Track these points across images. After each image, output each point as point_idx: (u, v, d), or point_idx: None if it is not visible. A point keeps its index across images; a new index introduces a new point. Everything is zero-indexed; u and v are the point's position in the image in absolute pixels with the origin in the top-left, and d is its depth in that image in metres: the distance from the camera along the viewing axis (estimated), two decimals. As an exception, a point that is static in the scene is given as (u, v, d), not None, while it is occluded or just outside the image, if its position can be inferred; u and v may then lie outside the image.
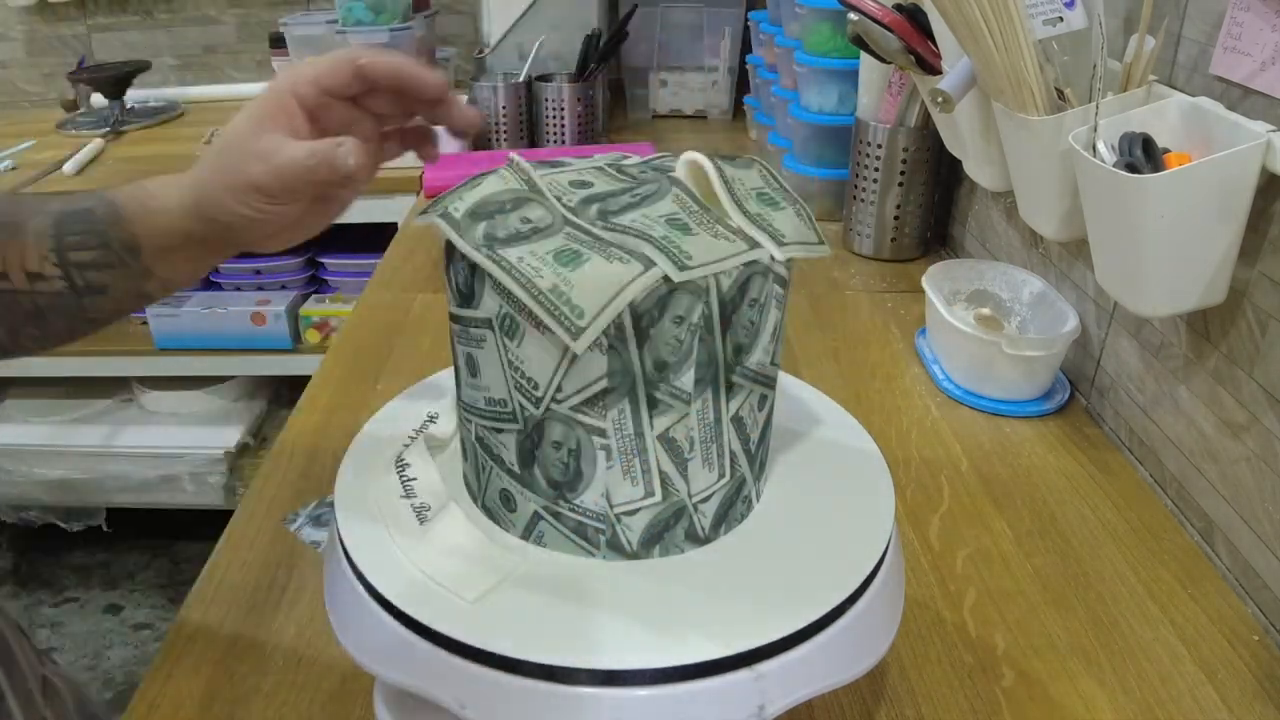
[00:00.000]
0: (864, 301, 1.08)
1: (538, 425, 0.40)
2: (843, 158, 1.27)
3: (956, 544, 0.69)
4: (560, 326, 0.36)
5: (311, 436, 0.82)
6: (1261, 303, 0.62)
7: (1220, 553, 0.68)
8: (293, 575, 0.66)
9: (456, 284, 0.41)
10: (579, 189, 0.42)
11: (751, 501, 0.46)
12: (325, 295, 1.85)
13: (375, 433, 0.51)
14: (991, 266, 0.96)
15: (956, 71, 0.81)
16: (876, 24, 0.93)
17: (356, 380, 0.91)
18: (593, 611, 0.39)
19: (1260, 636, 0.61)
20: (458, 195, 0.41)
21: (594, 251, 0.37)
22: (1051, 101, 0.72)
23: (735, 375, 0.41)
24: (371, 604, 0.40)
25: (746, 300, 0.40)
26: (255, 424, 1.88)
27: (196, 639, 0.60)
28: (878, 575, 0.42)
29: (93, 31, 2.06)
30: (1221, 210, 0.59)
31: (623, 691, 0.36)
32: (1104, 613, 0.63)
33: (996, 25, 0.70)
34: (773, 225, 0.41)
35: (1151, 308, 0.65)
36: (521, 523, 0.43)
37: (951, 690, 0.57)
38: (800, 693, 0.38)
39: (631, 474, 0.40)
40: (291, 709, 0.55)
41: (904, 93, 1.10)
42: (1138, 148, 0.62)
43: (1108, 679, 0.58)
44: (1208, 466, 0.69)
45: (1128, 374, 0.79)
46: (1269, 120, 0.59)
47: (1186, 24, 0.68)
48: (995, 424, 0.84)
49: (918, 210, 1.16)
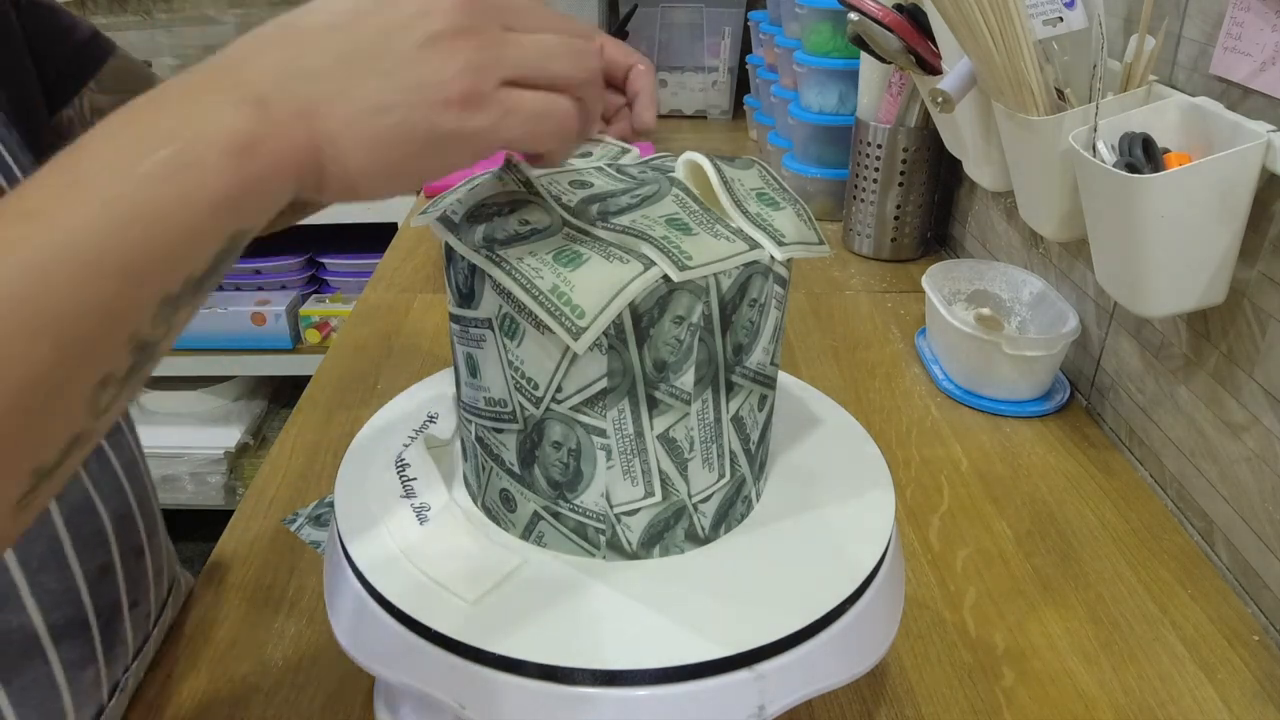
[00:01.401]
0: (864, 301, 1.08)
1: (538, 425, 0.40)
2: (842, 158, 1.27)
3: (956, 544, 0.69)
4: (560, 327, 0.36)
5: (311, 436, 0.82)
6: (1261, 303, 0.62)
7: (1220, 553, 0.68)
8: (293, 575, 0.66)
9: (456, 284, 0.41)
10: (579, 189, 0.42)
11: (751, 501, 0.46)
12: (325, 295, 1.85)
13: (375, 433, 0.51)
14: (991, 266, 0.96)
15: (956, 71, 0.81)
16: (876, 24, 0.93)
17: (356, 380, 0.91)
18: (593, 611, 0.39)
19: (1260, 636, 0.61)
20: (456, 197, 0.41)
21: (594, 252, 0.37)
22: (1051, 101, 0.72)
23: (735, 375, 0.41)
24: (371, 604, 0.40)
25: (746, 300, 0.40)
26: (255, 424, 1.89)
27: (197, 639, 0.60)
28: (878, 575, 0.42)
29: (93, 31, 2.06)
30: (1221, 210, 0.59)
31: (623, 691, 0.36)
32: (1104, 613, 0.63)
33: (996, 25, 0.70)
34: (773, 225, 0.41)
35: (1151, 308, 0.65)
36: (521, 523, 0.43)
37: (951, 690, 0.57)
38: (800, 693, 0.38)
39: (631, 474, 0.40)
40: (291, 709, 0.55)
41: (904, 93, 1.10)
42: (1138, 148, 0.62)
43: (1108, 679, 0.58)
44: (1208, 466, 0.69)
45: (1128, 374, 0.79)
46: (1269, 120, 0.59)
47: (1186, 24, 0.68)
48: (995, 424, 0.84)
49: (917, 210, 1.16)
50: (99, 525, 0.49)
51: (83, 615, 0.48)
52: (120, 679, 0.53)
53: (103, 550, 0.50)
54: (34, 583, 0.45)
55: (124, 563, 0.52)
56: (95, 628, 0.49)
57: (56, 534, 0.46)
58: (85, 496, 0.49)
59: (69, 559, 0.47)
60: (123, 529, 0.51)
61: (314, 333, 1.77)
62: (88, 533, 0.48)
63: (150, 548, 0.55)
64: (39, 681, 0.46)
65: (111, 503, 0.51)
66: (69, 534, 0.47)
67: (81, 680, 0.49)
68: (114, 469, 0.52)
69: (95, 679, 0.50)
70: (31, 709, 0.46)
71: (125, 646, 0.53)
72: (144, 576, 0.54)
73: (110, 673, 0.51)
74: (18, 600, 0.44)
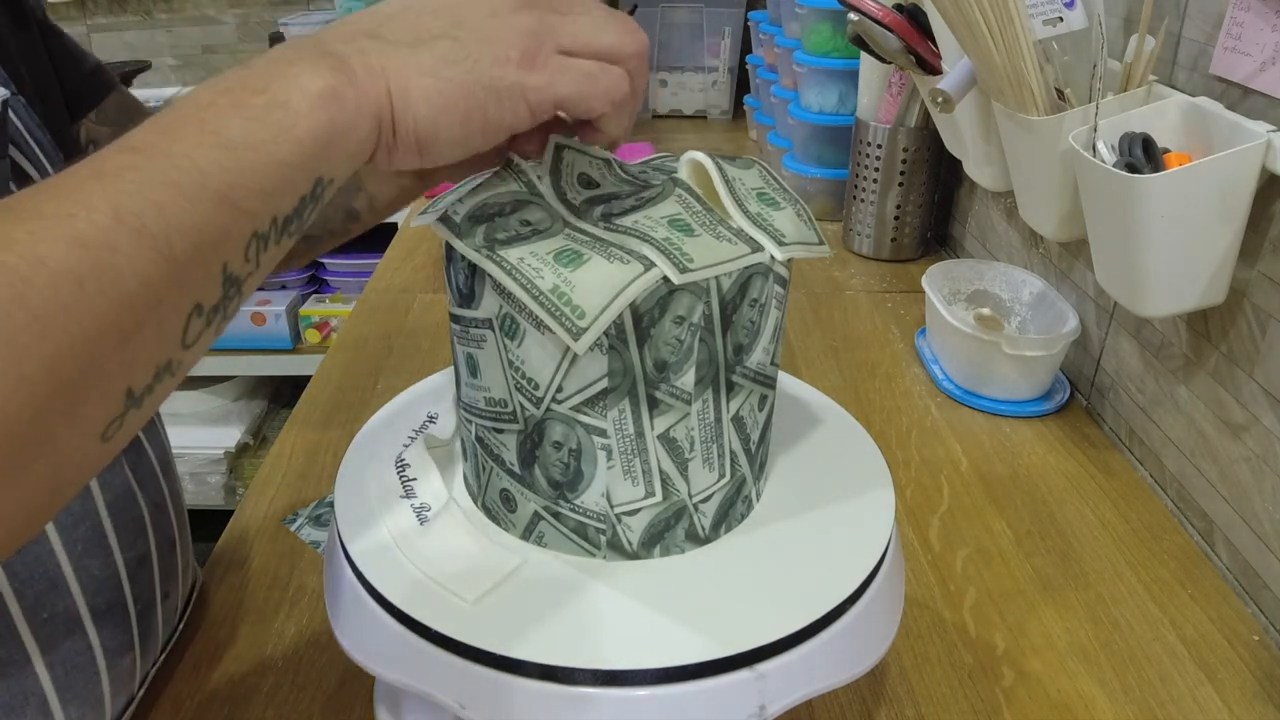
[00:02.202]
0: (864, 301, 1.08)
1: (538, 425, 0.40)
2: (843, 158, 1.27)
3: (956, 544, 0.69)
4: (561, 327, 0.36)
5: (311, 436, 0.82)
6: (1261, 303, 0.62)
7: (1220, 553, 0.68)
8: (293, 575, 0.66)
9: (457, 284, 0.41)
10: (586, 188, 0.42)
11: (751, 501, 0.46)
12: (325, 295, 1.85)
13: (375, 433, 0.51)
14: (991, 266, 0.96)
15: (956, 71, 0.81)
16: (876, 24, 0.93)
17: (356, 380, 0.91)
18: (593, 611, 0.39)
19: (1260, 636, 0.61)
20: (457, 197, 0.41)
21: (595, 252, 0.37)
22: (1051, 101, 0.72)
23: (735, 375, 0.41)
24: (371, 604, 0.40)
25: (747, 300, 0.40)
26: (255, 424, 1.89)
27: (197, 639, 0.60)
28: (878, 575, 0.42)
29: (92, 31, 2.07)
30: (1221, 210, 0.59)
31: (623, 691, 0.36)
32: (1104, 613, 0.63)
33: (996, 25, 0.70)
34: (773, 225, 0.41)
35: (1151, 308, 0.65)
36: (522, 523, 0.43)
37: (951, 690, 0.57)
38: (800, 693, 0.38)
39: (632, 474, 0.40)
40: (291, 709, 0.55)
41: (904, 93, 1.10)
42: (1138, 148, 0.62)
43: (1108, 679, 0.58)
44: (1208, 466, 0.69)
45: (1128, 374, 0.79)
46: (1269, 120, 0.59)
47: (1186, 24, 0.68)
48: (995, 424, 0.84)
49: (917, 210, 1.16)
50: (138, 514, 0.51)
51: (122, 601, 0.50)
52: (149, 671, 0.55)
53: (141, 539, 0.51)
54: (79, 566, 0.46)
55: (159, 554, 0.53)
56: (133, 615, 0.51)
57: (100, 520, 0.48)
58: (126, 485, 0.50)
59: (111, 546, 0.49)
60: (159, 520, 0.53)
61: (314, 333, 1.77)
62: (128, 520, 0.50)
63: (181, 541, 0.57)
64: (81, 667, 0.47)
65: (149, 493, 0.52)
66: (111, 521, 0.49)
67: (120, 667, 0.50)
68: (150, 460, 0.54)
69: (131, 668, 0.51)
70: (74, 695, 0.47)
71: (156, 638, 0.54)
72: (175, 570, 0.56)
73: (143, 663, 0.53)
74: (64, 585, 0.46)
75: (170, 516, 0.55)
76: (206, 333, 0.30)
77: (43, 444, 0.26)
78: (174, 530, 0.56)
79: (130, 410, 0.28)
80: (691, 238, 0.39)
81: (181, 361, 0.30)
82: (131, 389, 0.28)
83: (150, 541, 0.52)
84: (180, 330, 0.29)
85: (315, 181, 0.32)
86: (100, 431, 0.28)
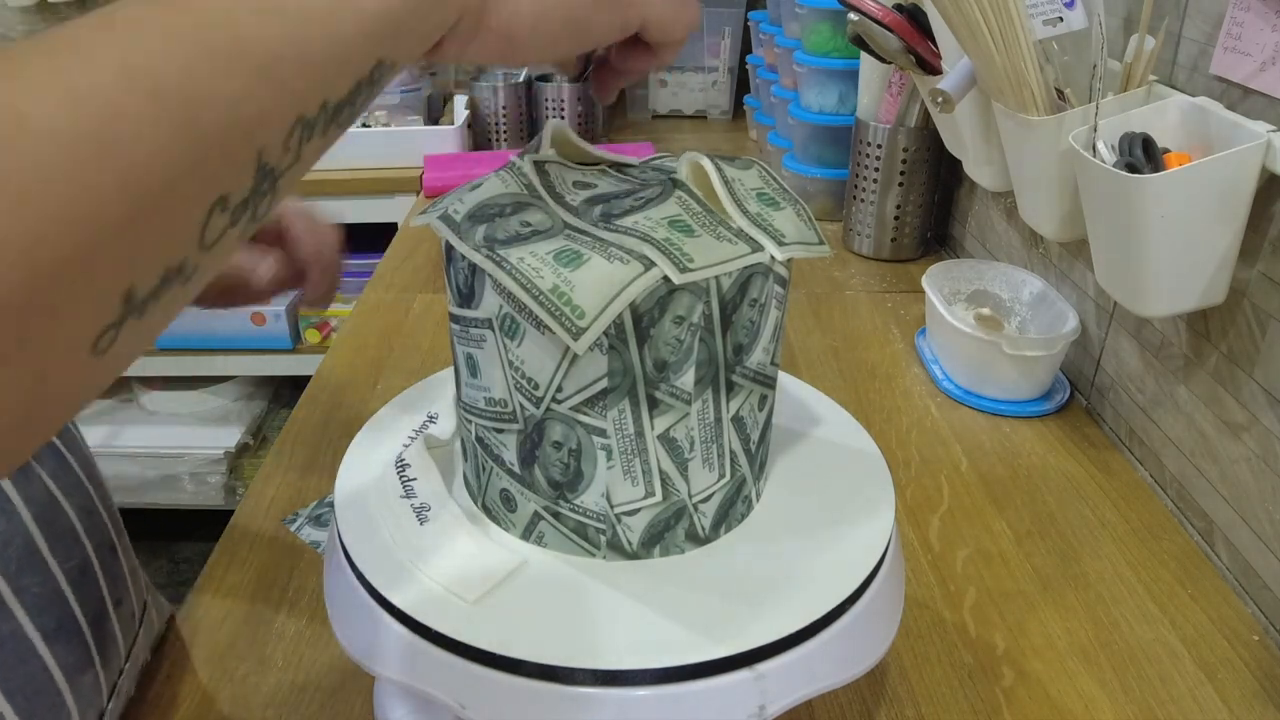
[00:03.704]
0: (864, 301, 1.08)
1: (538, 425, 0.40)
2: (842, 158, 1.27)
3: (956, 544, 0.69)
4: (561, 327, 0.36)
5: (312, 437, 0.82)
6: (1261, 303, 0.62)
7: (1220, 553, 0.68)
8: (293, 575, 0.66)
9: (456, 284, 0.41)
10: (583, 189, 0.42)
11: (751, 501, 0.46)
12: (325, 295, 1.84)
13: (375, 433, 0.51)
14: (991, 266, 0.96)
15: (956, 71, 0.81)
16: (876, 24, 0.93)
17: (356, 380, 0.91)
18: (593, 611, 0.39)
19: (1260, 636, 0.61)
20: (458, 197, 0.41)
21: (594, 252, 0.37)
22: (1051, 101, 0.72)
23: (735, 375, 0.41)
24: (371, 604, 0.40)
25: (747, 300, 0.40)
26: (255, 424, 1.88)
27: (196, 639, 0.60)
28: (878, 575, 0.42)
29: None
30: (1221, 210, 0.59)
31: (623, 691, 0.36)
32: (1104, 613, 0.63)
33: (996, 25, 0.70)
34: (773, 225, 0.41)
35: (1151, 308, 0.65)
36: (522, 523, 0.43)
37: (951, 690, 0.57)
38: (800, 693, 0.38)
39: (632, 474, 0.40)
40: (291, 709, 0.55)
41: (904, 93, 1.10)
42: (1138, 148, 0.62)
43: (1108, 679, 0.58)
44: (1208, 466, 0.69)
45: (1128, 374, 0.79)
46: (1269, 120, 0.59)
47: (1186, 24, 0.68)
48: (995, 424, 0.84)
49: (917, 210, 1.16)
50: (68, 522, 0.50)
51: (71, 615, 0.48)
52: (116, 681, 0.53)
53: (77, 547, 0.50)
54: (17, 587, 0.45)
55: (100, 560, 0.52)
56: (86, 629, 0.49)
57: (29, 534, 0.46)
58: (48, 493, 0.49)
59: (46, 559, 0.47)
60: (92, 526, 0.51)
61: (314, 333, 1.77)
62: (59, 530, 0.48)
63: (121, 545, 0.55)
64: (41, 690, 0.46)
65: (75, 499, 0.51)
66: (41, 533, 0.47)
67: (82, 685, 0.49)
68: (71, 465, 0.52)
69: (95, 683, 0.50)
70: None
71: (117, 646, 0.53)
72: (122, 574, 0.54)
73: (107, 675, 0.52)
74: (5, 608, 0.44)
75: (104, 520, 0.53)
76: (230, 234, 0.25)
77: (17, 343, 0.20)
78: (111, 534, 0.54)
79: (129, 319, 0.23)
80: (692, 238, 0.39)
81: (198, 266, 0.24)
82: (132, 292, 0.22)
83: (87, 548, 0.50)
84: (199, 225, 0.23)
85: (375, 65, 0.27)
86: (91, 340, 0.22)
